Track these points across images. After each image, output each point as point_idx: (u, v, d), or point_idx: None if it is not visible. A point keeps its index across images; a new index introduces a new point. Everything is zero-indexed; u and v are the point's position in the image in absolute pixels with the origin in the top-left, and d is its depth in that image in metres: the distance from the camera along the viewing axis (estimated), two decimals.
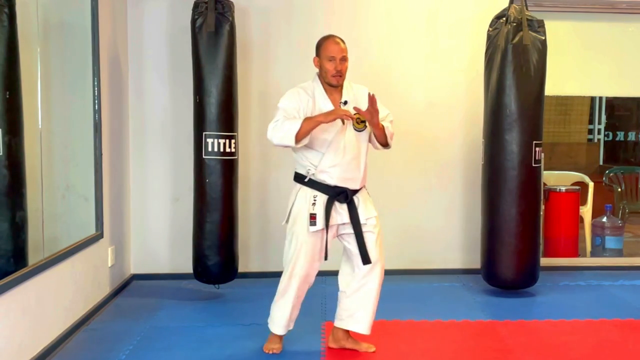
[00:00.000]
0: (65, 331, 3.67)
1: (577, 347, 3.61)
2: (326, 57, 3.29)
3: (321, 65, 3.32)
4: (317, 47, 3.36)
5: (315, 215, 3.27)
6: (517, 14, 4.44)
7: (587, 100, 9.42)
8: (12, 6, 3.24)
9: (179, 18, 4.88)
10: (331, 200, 3.30)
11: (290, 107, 3.28)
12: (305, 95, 3.31)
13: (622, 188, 7.23)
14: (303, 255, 3.34)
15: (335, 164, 3.28)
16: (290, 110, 3.26)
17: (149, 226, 5.07)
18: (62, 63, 4.06)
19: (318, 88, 3.34)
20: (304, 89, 3.36)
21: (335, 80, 3.30)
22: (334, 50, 3.29)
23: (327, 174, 3.29)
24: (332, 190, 3.29)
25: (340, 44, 3.32)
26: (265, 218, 5.13)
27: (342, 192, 3.30)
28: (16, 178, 3.33)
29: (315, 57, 3.36)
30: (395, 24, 5.13)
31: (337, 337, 3.52)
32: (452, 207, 5.23)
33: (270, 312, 3.49)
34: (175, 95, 5.01)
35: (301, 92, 3.33)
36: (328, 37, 3.35)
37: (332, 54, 3.28)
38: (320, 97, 3.32)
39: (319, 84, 3.35)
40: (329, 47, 3.30)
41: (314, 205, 3.28)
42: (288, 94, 3.35)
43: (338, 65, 3.28)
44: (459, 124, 5.20)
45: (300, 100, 3.29)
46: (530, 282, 4.58)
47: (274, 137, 3.23)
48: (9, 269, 3.15)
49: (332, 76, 3.29)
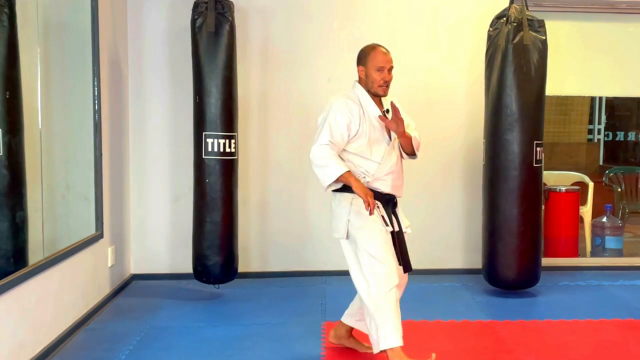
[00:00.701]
0: (65, 331, 3.67)
1: (577, 347, 3.60)
2: (374, 67, 3.21)
3: (367, 74, 3.23)
4: (362, 56, 3.29)
5: (384, 217, 3.17)
6: (517, 14, 4.44)
7: (587, 100, 9.42)
8: (12, 6, 3.24)
9: (179, 18, 4.88)
10: (387, 207, 3.22)
11: (338, 125, 3.14)
12: (353, 104, 3.20)
13: (622, 188, 7.23)
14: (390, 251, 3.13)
15: (390, 171, 3.22)
16: (337, 132, 3.13)
17: (149, 226, 5.07)
18: (62, 63, 4.06)
19: (363, 96, 3.25)
20: (350, 97, 3.24)
21: (382, 91, 3.23)
22: (383, 60, 3.21)
23: (383, 181, 3.21)
24: (384, 197, 3.22)
25: (388, 55, 3.25)
26: (265, 218, 5.13)
27: (392, 199, 3.26)
28: (16, 178, 3.33)
29: (360, 66, 3.28)
30: (395, 24, 5.13)
31: (339, 334, 3.52)
32: (453, 207, 5.23)
33: (378, 332, 3.07)
34: (175, 95, 5.01)
35: (349, 102, 3.21)
36: (375, 47, 3.26)
37: (381, 64, 3.20)
38: (368, 105, 3.23)
39: (363, 92, 3.26)
40: (378, 57, 3.22)
41: (378, 209, 3.15)
42: (336, 106, 3.19)
43: (386, 76, 3.22)
44: (460, 124, 5.20)
45: (351, 113, 3.17)
46: (532, 282, 4.58)
47: (315, 167, 3.13)
48: (9, 269, 3.14)
49: (379, 86, 3.21)
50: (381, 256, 3.10)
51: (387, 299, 3.07)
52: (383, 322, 3.06)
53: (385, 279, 3.07)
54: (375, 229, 3.13)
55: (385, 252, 3.11)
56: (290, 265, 5.14)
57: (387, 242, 3.15)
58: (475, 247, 4.91)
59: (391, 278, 3.08)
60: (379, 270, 3.08)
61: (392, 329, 3.06)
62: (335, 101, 3.23)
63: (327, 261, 5.14)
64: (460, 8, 5.17)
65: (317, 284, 4.94)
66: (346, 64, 5.09)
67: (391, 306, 3.07)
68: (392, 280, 3.08)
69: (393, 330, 3.06)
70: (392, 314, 3.07)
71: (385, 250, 3.11)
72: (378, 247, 3.10)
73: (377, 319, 3.07)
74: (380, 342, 3.07)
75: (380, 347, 3.08)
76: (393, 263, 3.12)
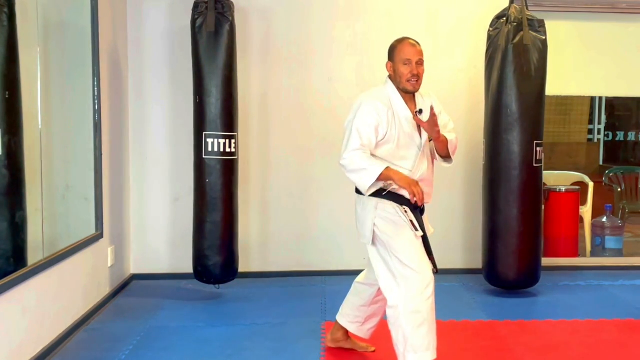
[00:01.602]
0: (65, 331, 3.67)
1: (577, 347, 3.61)
2: (401, 60, 2.99)
3: (395, 69, 3.02)
4: (390, 51, 3.08)
5: (412, 222, 2.97)
6: (517, 14, 4.44)
7: (587, 100, 9.41)
8: (12, 6, 3.23)
9: (179, 18, 4.88)
10: (415, 212, 3.02)
11: (367, 129, 2.94)
12: (382, 106, 2.97)
13: (622, 188, 7.23)
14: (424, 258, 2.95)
15: (421, 179, 3.01)
16: (365, 136, 2.93)
17: (149, 226, 5.07)
18: (62, 63, 4.06)
19: (394, 95, 3.03)
20: (378, 98, 3.01)
21: (411, 86, 3.00)
22: (410, 52, 2.99)
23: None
24: (412, 204, 2.99)
25: (417, 46, 3.02)
26: (265, 218, 5.13)
27: (420, 206, 3.04)
28: (16, 178, 3.33)
29: (389, 62, 3.07)
30: (395, 24, 5.12)
31: (337, 338, 3.51)
32: (453, 207, 5.22)
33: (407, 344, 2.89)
34: (175, 95, 5.01)
35: (377, 104, 2.98)
36: (402, 40, 3.06)
37: (408, 56, 2.98)
38: (399, 106, 3.01)
39: (394, 90, 3.03)
40: (405, 49, 3.00)
41: (406, 214, 2.97)
42: (363, 109, 2.98)
43: (414, 69, 2.98)
44: (460, 124, 5.16)
45: (379, 115, 2.95)
46: (532, 282, 4.57)
47: (350, 173, 2.96)
48: (9, 269, 3.14)
49: (407, 81, 2.98)
50: (415, 264, 2.90)
51: (421, 309, 2.86)
52: (415, 334, 2.85)
53: (421, 288, 2.87)
54: (405, 236, 2.95)
55: (419, 259, 2.92)
56: (290, 265, 5.14)
57: (419, 248, 2.96)
58: (475, 247, 4.91)
59: (427, 286, 2.89)
60: (413, 279, 2.88)
61: (424, 342, 2.86)
62: (363, 102, 3.01)
63: (327, 261, 5.14)
64: (460, 8, 5.17)
65: (317, 284, 4.94)
66: (346, 64, 5.14)
67: (424, 316, 2.87)
68: (428, 289, 2.88)
69: (424, 344, 2.86)
70: (425, 326, 2.87)
71: (419, 258, 2.92)
72: (411, 254, 2.92)
73: (407, 330, 2.86)
74: (408, 356, 2.87)
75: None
76: (428, 270, 2.92)
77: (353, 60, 5.11)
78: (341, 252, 5.13)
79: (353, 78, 5.06)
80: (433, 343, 2.90)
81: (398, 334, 2.91)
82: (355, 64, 5.09)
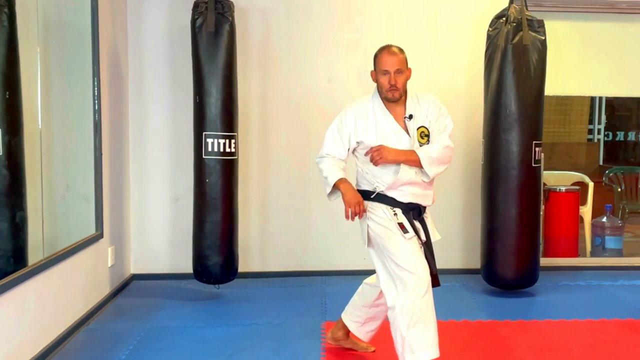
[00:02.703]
0: (65, 331, 3.67)
1: (577, 347, 3.61)
2: (380, 70, 3.03)
3: (377, 79, 3.06)
4: (373, 60, 3.10)
5: (402, 224, 2.98)
6: (517, 14, 4.44)
7: (587, 100, 9.41)
8: (12, 6, 3.24)
9: (179, 18, 4.88)
10: (407, 214, 3.04)
11: (337, 137, 3.10)
12: (362, 114, 3.06)
13: (622, 188, 7.23)
14: (419, 257, 2.96)
15: (409, 183, 3.02)
16: (334, 142, 3.10)
17: (149, 226, 5.08)
18: (62, 63, 4.06)
19: (377, 102, 3.08)
20: (364, 104, 3.10)
21: (391, 95, 3.02)
22: (388, 62, 3.01)
23: (400, 192, 3.02)
24: (405, 205, 3.03)
25: (397, 55, 3.03)
26: (265, 218, 5.14)
27: (416, 208, 3.06)
28: (16, 178, 3.33)
29: (372, 70, 3.10)
30: (395, 24, 5.13)
31: (337, 337, 3.52)
32: (451, 207, 5.22)
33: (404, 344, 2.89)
34: (175, 95, 5.01)
35: (359, 109, 3.08)
36: (383, 49, 3.08)
37: (386, 66, 3.01)
38: (381, 113, 3.05)
39: (378, 98, 3.09)
40: (383, 58, 3.03)
41: (396, 216, 2.99)
42: (340, 117, 3.12)
43: (392, 79, 3.00)
44: (459, 123, 5.13)
45: (355, 123, 3.05)
46: (530, 282, 4.58)
47: (320, 171, 3.14)
48: (9, 269, 3.15)
49: (386, 91, 3.02)
50: (409, 265, 2.91)
51: (415, 308, 2.87)
52: (411, 334, 2.86)
53: (415, 288, 2.88)
54: (398, 237, 2.96)
55: (413, 260, 2.93)
56: (290, 265, 5.14)
57: (413, 248, 2.96)
58: (474, 247, 4.91)
59: (421, 285, 2.89)
60: (408, 279, 2.89)
61: (420, 342, 2.87)
62: (344, 110, 3.13)
63: (327, 261, 5.15)
64: (460, 8, 5.17)
65: (317, 284, 4.94)
66: (346, 64, 5.14)
67: (419, 315, 2.87)
68: (421, 287, 2.88)
69: (421, 343, 2.87)
70: (420, 325, 2.87)
71: (413, 258, 2.93)
72: (404, 256, 2.93)
73: (403, 330, 2.87)
74: (407, 356, 2.89)
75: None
76: (423, 270, 2.92)
77: (353, 60, 5.11)
78: (341, 252, 5.13)
79: (353, 78, 5.06)
80: (432, 342, 2.91)
81: (396, 334, 2.93)
82: (355, 64, 5.08)
